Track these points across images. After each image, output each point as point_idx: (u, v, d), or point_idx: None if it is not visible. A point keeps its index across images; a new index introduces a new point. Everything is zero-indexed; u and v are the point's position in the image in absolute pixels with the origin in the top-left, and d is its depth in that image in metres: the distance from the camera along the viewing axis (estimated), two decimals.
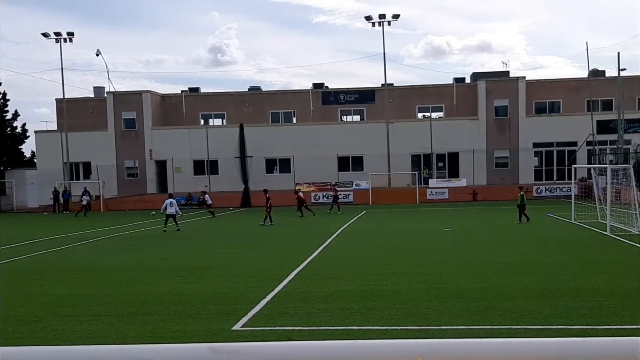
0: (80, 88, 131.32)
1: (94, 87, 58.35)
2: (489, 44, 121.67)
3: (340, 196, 40.21)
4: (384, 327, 9.59)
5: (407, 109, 53.06)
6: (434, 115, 53.21)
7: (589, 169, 34.10)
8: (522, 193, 27.30)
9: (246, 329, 9.79)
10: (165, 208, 27.45)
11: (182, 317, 10.67)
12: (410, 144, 49.54)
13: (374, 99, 53.82)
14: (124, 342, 9.14)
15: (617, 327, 9.14)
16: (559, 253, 17.26)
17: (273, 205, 30.49)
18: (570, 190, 29.15)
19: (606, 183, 24.11)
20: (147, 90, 53.19)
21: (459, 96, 52.63)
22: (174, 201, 27.82)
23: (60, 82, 52.74)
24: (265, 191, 31.42)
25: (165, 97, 56.16)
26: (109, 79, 64.94)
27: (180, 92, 57.50)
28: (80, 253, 20.76)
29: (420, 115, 53.61)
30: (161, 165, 52.63)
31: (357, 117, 54.78)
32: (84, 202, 43.17)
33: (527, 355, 1.13)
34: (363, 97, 54.22)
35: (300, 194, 36.97)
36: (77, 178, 52.96)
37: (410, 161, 50.34)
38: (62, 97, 53.07)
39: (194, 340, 9.09)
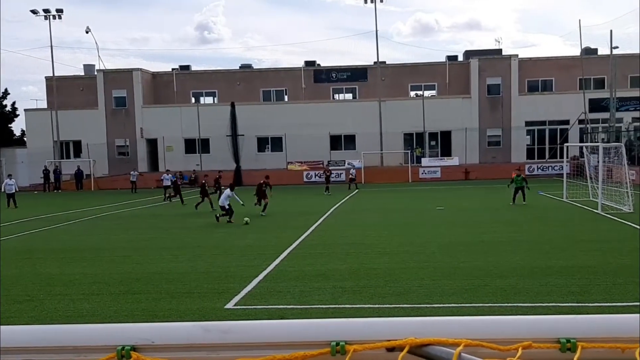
0: (70, 66, 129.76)
1: (84, 65, 57.65)
2: (478, 21, 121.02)
3: (332, 176, 39.66)
4: (377, 306, 9.60)
5: (400, 87, 52.84)
6: (427, 93, 53.02)
7: (580, 148, 34.20)
8: (522, 176, 25.83)
9: (239, 307, 9.78)
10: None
11: (175, 295, 10.64)
12: (402, 123, 49.42)
13: (366, 77, 53.53)
14: (116, 320, 9.09)
15: (608, 304, 9.18)
16: (550, 231, 17.33)
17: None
18: (562, 169, 29.22)
19: (598, 161, 24.14)
20: (138, 68, 52.65)
21: (451, 74, 52.43)
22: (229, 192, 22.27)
23: (50, 59, 52.01)
24: (267, 177, 27.25)
25: (155, 75, 55.62)
26: (99, 56, 64.44)
27: (171, 70, 56.96)
28: (71, 232, 20.66)
29: (412, 93, 53.41)
30: (152, 144, 52.32)
31: (349, 96, 54.50)
32: (132, 179, 43.34)
33: (524, 334, 1.12)
34: (355, 75, 53.91)
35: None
36: (68, 157, 52.62)
37: (402, 140, 50.26)
38: (51, 75, 52.51)
39: (186, 318, 9.04)
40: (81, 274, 12.91)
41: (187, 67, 57.67)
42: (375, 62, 52.36)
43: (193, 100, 54.98)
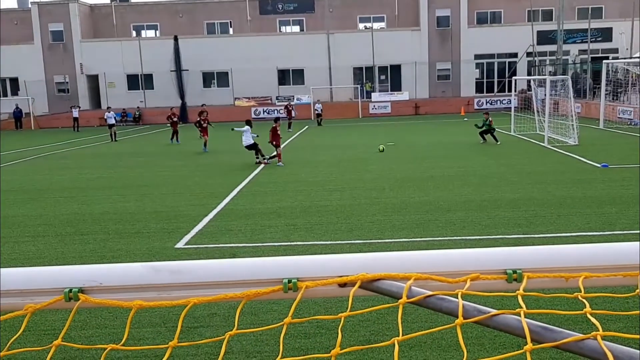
0: None
1: None
2: None
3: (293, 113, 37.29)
4: (329, 242, 9.74)
5: (348, 19, 52.04)
6: (376, 25, 52.44)
7: (528, 81, 34.77)
8: (489, 119, 23.64)
9: (189, 246, 9.76)
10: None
11: (123, 236, 10.54)
12: (351, 56, 48.98)
13: (313, 9, 52.43)
14: (64, 262, 8.98)
15: (553, 235, 9.56)
16: (498, 165, 17.78)
17: (212, 120, 29.10)
18: (510, 102, 29.70)
19: (545, 95, 24.58)
20: (74, 0, 50.14)
21: (400, 5, 51.86)
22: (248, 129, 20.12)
23: None
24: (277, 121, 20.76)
25: (94, 8, 53.20)
26: None
27: (109, 1, 54.49)
28: (13, 173, 20.01)
29: (361, 25, 52.75)
30: (93, 80, 50.55)
31: (296, 28, 53.43)
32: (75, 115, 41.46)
33: (472, 266, 1.14)
34: (302, 6, 52.71)
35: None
36: (5, 95, 50.46)
37: (352, 74, 49.97)
38: None
39: (136, 259, 9.01)
40: (26, 215, 12.60)
41: None
42: None
43: (134, 33, 53.01)
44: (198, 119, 26.03)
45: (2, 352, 1.16)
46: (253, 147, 19.94)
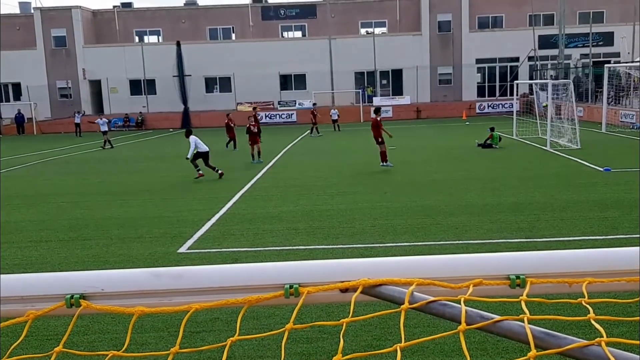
0: (5, 4, 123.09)
1: (19, 2, 54.80)
2: None
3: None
4: (330, 246, 9.72)
5: (350, 24, 52.18)
6: (377, 30, 52.53)
7: (530, 85, 34.72)
8: (497, 134, 23.46)
9: (192, 251, 9.75)
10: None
11: (126, 241, 10.53)
12: (353, 61, 49.05)
13: (315, 14, 52.58)
14: (66, 267, 8.98)
15: (555, 239, 9.53)
16: (500, 168, 17.76)
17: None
18: (512, 106, 29.67)
19: (547, 98, 24.56)
20: (77, 6, 50.31)
21: (402, 11, 51.97)
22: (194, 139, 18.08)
23: None
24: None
25: (96, 13, 53.36)
26: None
27: (112, 7, 54.65)
28: (15, 178, 20.04)
29: (363, 31, 52.86)
30: (96, 85, 50.66)
31: (298, 33, 53.58)
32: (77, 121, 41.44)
33: (475, 271, 1.13)
34: (304, 12, 52.86)
35: None
36: (7, 100, 50.58)
37: (353, 79, 50.03)
38: None
39: (138, 264, 9.01)
40: (28, 220, 12.61)
41: (129, 5, 55.46)
42: None
43: (137, 39, 53.16)
44: (247, 124, 22.83)
45: (2, 358, 1.15)
46: (206, 155, 17.95)
